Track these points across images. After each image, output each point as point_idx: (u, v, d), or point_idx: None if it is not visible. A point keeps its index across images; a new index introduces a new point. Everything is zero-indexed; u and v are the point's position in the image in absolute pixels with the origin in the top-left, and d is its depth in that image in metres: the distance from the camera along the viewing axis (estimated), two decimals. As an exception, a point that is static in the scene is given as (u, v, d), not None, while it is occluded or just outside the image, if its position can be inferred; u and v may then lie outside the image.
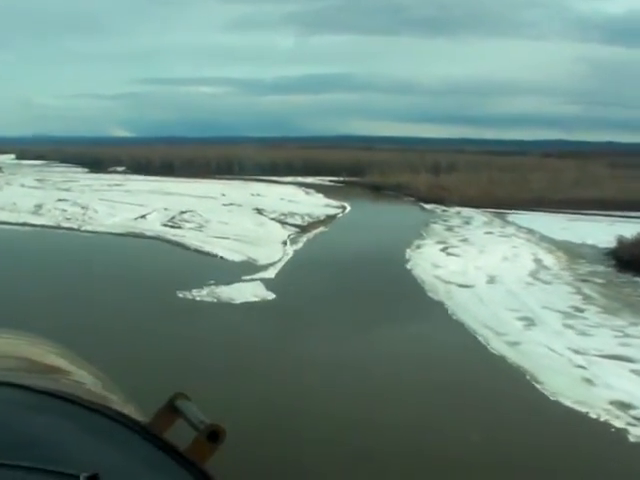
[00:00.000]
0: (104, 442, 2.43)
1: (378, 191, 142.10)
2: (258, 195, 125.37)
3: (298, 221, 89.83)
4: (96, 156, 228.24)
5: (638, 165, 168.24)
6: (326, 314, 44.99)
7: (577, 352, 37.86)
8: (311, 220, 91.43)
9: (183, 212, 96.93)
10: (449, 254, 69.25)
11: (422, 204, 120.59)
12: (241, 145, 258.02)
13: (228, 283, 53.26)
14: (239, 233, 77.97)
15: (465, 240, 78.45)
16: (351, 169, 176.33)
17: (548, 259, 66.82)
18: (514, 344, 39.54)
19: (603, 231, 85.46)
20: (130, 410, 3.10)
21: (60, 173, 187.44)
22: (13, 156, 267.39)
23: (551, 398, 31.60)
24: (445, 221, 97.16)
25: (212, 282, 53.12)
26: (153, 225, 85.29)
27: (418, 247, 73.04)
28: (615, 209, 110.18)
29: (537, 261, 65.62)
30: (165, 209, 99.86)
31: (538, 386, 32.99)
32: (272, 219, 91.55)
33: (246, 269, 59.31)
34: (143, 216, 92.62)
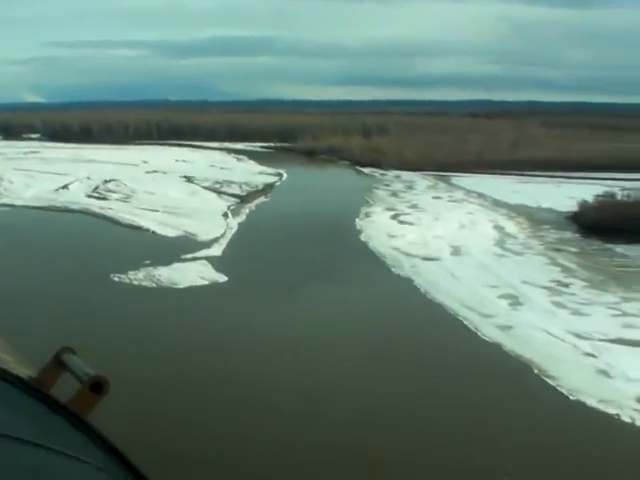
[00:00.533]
0: None
1: (312, 156, 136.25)
2: (184, 161, 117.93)
3: (236, 190, 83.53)
4: (8, 122, 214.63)
5: (570, 124, 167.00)
6: (291, 302, 39.43)
7: (579, 337, 33.46)
8: (249, 189, 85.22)
9: (107, 181, 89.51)
10: (402, 222, 64.45)
11: (358, 168, 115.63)
12: (161, 109, 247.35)
13: (167, 263, 47.24)
14: (170, 204, 71.37)
15: (414, 206, 73.81)
16: (281, 134, 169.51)
17: (510, 226, 62.66)
18: (506, 328, 34.92)
19: (554, 193, 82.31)
20: (20, 369, 3.03)
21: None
22: None
23: (571, 398, 27.02)
24: (387, 186, 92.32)
25: (148, 262, 47.09)
26: (77, 196, 77.91)
27: (367, 215, 68.04)
28: (557, 170, 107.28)
29: (499, 228, 61.37)
30: (88, 178, 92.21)
31: (551, 382, 28.39)
32: (205, 188, 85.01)
33: (185, 246, 53.22)
34: (65, 186, 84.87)
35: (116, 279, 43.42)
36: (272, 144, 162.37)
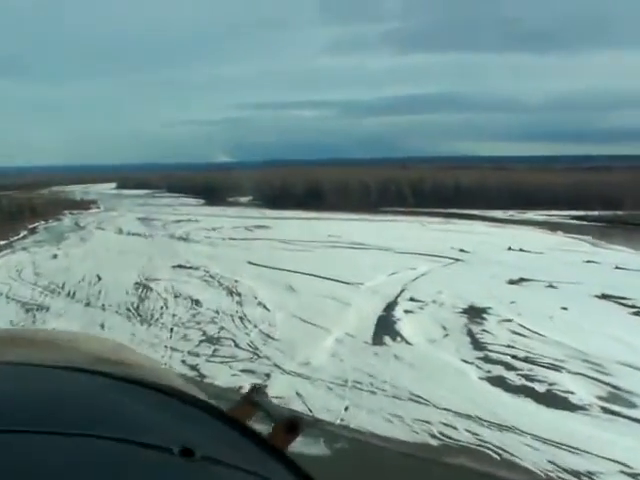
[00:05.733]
0: (191, 424, 2.08)
1: None
2: (521, 250, 64.48)
3: None
4: (207, 183, 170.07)
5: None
6: None
7: None
8: None
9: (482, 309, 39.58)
10: None
11: None
12: (362, 167, 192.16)
13: None
14: None
15: None
16: (570, 198, 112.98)
17: None
18: None
19: None
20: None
21: (169, 207, 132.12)
22: (114, 185, 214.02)
23: None
24: None
25: None
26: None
27: None
28: None
29: None
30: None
31: None
32: None
33: None
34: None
35: None
36: (582, 213, 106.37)
